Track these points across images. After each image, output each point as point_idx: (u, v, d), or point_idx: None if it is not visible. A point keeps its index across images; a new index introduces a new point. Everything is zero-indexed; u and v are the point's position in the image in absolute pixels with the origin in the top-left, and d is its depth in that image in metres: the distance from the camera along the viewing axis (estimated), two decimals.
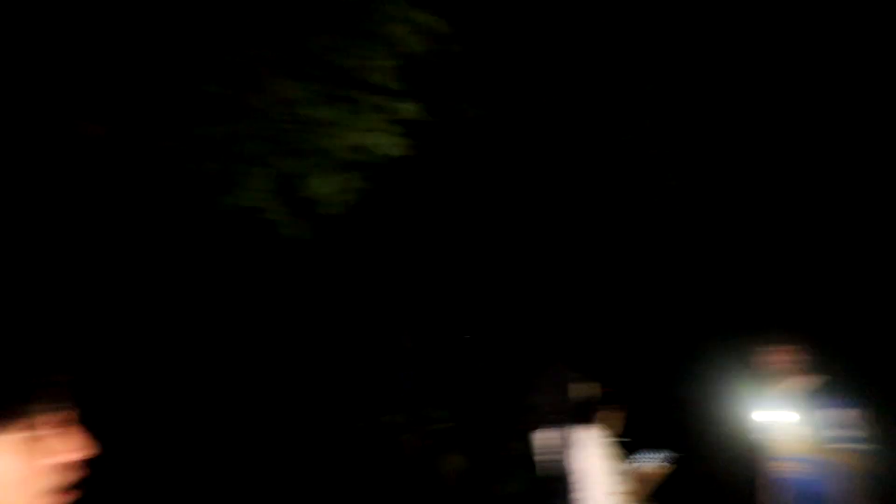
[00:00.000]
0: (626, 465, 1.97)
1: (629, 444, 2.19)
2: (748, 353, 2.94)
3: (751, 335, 2.99)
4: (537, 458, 1.99)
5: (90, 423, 0.73)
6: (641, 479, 1.99)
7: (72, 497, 0.69)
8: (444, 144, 5.43)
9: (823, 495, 2.55)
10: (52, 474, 0.66)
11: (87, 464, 0.70)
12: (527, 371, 2.10)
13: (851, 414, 2.53)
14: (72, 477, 0.68)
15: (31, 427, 0.63)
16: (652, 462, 2.03)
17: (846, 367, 2.79)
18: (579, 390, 2.07)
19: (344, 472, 4.98)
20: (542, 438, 2.00)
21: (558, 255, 5.93)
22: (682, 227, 5.37)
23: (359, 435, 5.45)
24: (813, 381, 2.67)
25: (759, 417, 2.71)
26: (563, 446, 1.90)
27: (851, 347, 4.08)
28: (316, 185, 3.17)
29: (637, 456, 2.10)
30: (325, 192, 3.24)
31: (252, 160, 3.13)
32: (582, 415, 2.01)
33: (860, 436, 2.50)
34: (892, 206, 5.44)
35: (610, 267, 6.00)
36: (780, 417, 2.63)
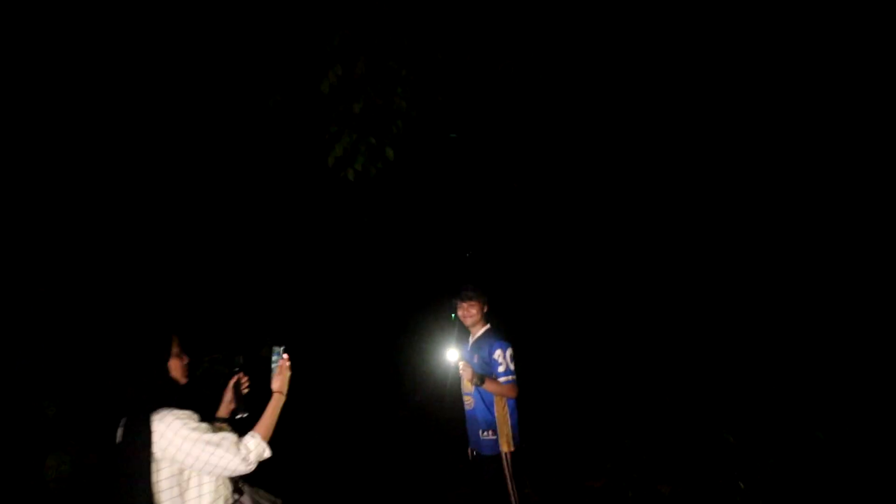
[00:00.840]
0: (224, 438, 1.88)
1: (246, 419, 2.20)
2: (445, 307, 3.52)
3: (444, 294, 3.54)
4: (127, 447, 1.83)
5: None
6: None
7: None
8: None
9: (485, 420, 3.13)
10: None
11: None
12: (123, 355, 1.91)
13: (504, 353, 3.13)
14: None
15: None
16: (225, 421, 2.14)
17: (499, 318, 3.41)
18: (173, 370, 1.97)
19: None
20: (127, 425, 1.85)
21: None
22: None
23: None
24: (484, 328, 3.31)
25: (451, 359, 3.17)
26: (144, 431, 1.79)
27: (502, 304, 4.95)
28: None
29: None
30: None
31: None
32: (167, 397, 1.91)
33: (510, 369, 3.11)
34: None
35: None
36: (462, 358, 3.17)
